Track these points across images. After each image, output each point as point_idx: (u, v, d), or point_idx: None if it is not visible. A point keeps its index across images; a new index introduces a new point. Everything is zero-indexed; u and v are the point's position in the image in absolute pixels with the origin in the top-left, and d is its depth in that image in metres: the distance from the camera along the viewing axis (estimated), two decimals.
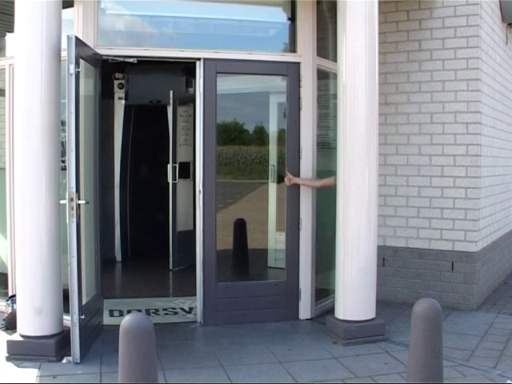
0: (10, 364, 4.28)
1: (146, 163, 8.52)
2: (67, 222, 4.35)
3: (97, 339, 4.84)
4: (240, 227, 6.42)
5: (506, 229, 7.60)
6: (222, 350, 4.72)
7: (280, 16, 5.86)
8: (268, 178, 6.05)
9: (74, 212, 4.32)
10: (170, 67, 6.82)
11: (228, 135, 6.75)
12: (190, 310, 5.76)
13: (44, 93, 4.35)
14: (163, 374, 4.12)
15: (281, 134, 6.02)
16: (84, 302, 4.61)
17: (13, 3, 4.45)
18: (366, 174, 4.94)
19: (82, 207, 4.46)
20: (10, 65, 5.29)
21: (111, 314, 5.64)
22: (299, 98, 5.53)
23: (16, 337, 4.45)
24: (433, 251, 6.16)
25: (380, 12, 5.09)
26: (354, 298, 4.96)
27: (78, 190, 4.34)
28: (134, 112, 8.28)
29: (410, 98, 6.25)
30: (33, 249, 4.39)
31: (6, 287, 5.44)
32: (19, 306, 4.49)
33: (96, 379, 4.07)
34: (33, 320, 4.39)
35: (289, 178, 5.46)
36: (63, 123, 4.47)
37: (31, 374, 4.12)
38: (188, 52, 5.35)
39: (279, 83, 5.89)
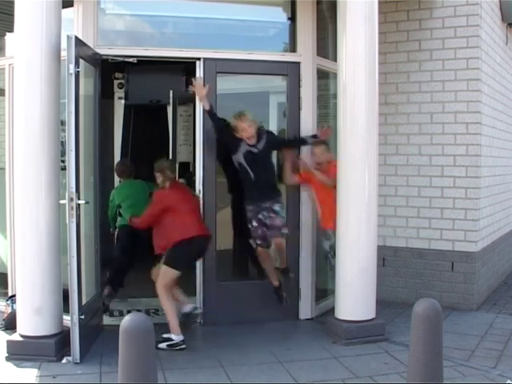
0: (10, 364, 4.27)
1: (146, 163, 8.49)
2: (67, 222, 4.35)
3: (97, 339, 4.84)
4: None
5: (506, 229, 7.60)
6: (222, 349, 4.72)
7: (280, 16, 5.85)
8: None
9: (74, 212, 4.32)
10: (169, 67, 6.80)
11: None
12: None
13: (44, 93, 4.35)
14: (163, 374, 4.11)
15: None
16: (84, 302, 4.61)
17: (13, 3, 4.45)
18: (366, 174, 4.94)
19: (81, 207, 4.45)
20: (9, 64, 5.29)
21: (111, 314, 5.64)
22: (299, 97, 5.53)
23: (16, 337, 4.45)
24: (433, 251, 6.16)
25: (380, 12, 5.09)
26: (354, 297, 4.96)
27: (77, 190, 4.34)
28: (133, 112, 8.26)
29: (410, 98, 6.25)
30: (33, 249, 4.39)
31: (6, 287, 5.44)
32: (19, 306, 4.49)
33: (96, 379, 4.07)
34: (33, 320, 4.39)
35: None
36: (63, 123, 4.46)
37: (31, 373, 4.12)
38: (188, 52, 5.34)
39: (279, 83, 5.89)
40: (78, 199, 4.36)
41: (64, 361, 4.36)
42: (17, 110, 4.43)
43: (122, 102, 7.97)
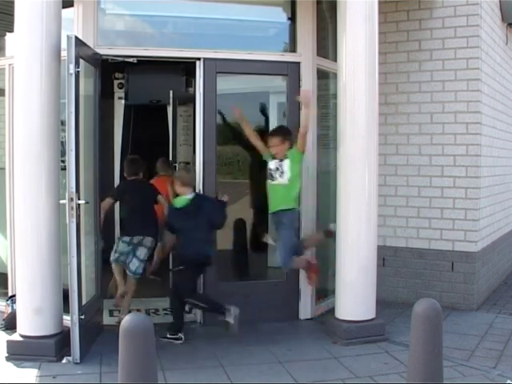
0: (10, 364, 4.27)
1: (146, 163, 8.49)
2: (67, 222, 4.35)
3: (97, 339, 4.84)
4: (240, 227, 6.40)
5: (506, 229, 7.60)
6: (222, 349, 4.72)
7: (280, 16, 5.85)
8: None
9: (74, 212, 4.32)
10: (169, 67, 6.81)
11: (228, 135, 6.74)
12: (190, 310, 5.74)
13: (44, 93, 4.35)
14: (163, 374, 4.11)
15: None
16: (84, 302, 4.61)
17: (13, 3, 4.45)
18: (366, 174, 4.94)
19: (81, 207, 4.46)
20: (9, 65, 5.29)
21: (111, 314, 5.64)
22: None
23: (16, 337, 4.45)
24: (433, 251, 6.16)
25: (380, 12, 5.09)
26: (354, 297, 4.96)
27: (77, 190, 4.34)
28: (133, 112, 8.26)
29: (410, 98, 6.25)
30: (33, 249, 4.39)
31: (6, 287, 5.44)
32: (19, 306, 4.49)
33: (96, 379, 4.07)
34: (32, 320, 4.39)
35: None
36: (63, 123, 4.46)
37: (31, 374, 4.12)
38: (188, 52, 5.34)
39: (279, 83, 5.89)
40: (78, 199, 4.36)
41: (64, 361, 4.36)
42: (17, 110, 4.42)
43: (122, 101, 7.98)
